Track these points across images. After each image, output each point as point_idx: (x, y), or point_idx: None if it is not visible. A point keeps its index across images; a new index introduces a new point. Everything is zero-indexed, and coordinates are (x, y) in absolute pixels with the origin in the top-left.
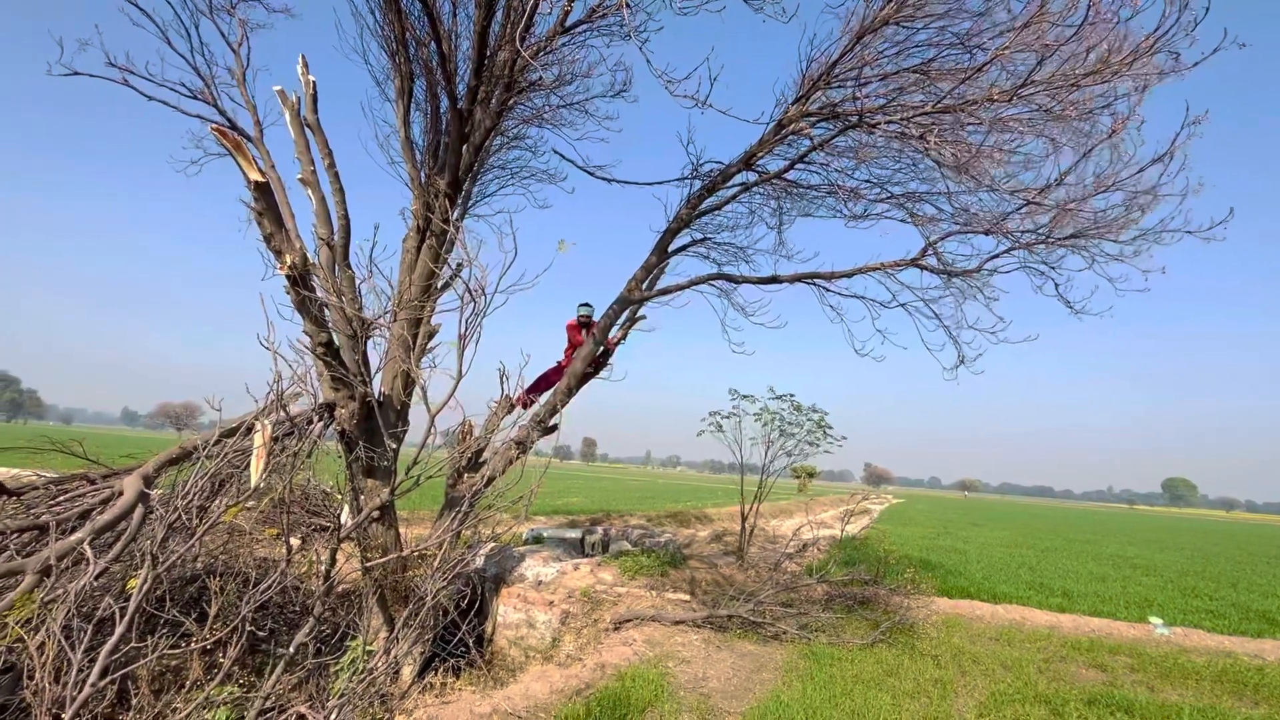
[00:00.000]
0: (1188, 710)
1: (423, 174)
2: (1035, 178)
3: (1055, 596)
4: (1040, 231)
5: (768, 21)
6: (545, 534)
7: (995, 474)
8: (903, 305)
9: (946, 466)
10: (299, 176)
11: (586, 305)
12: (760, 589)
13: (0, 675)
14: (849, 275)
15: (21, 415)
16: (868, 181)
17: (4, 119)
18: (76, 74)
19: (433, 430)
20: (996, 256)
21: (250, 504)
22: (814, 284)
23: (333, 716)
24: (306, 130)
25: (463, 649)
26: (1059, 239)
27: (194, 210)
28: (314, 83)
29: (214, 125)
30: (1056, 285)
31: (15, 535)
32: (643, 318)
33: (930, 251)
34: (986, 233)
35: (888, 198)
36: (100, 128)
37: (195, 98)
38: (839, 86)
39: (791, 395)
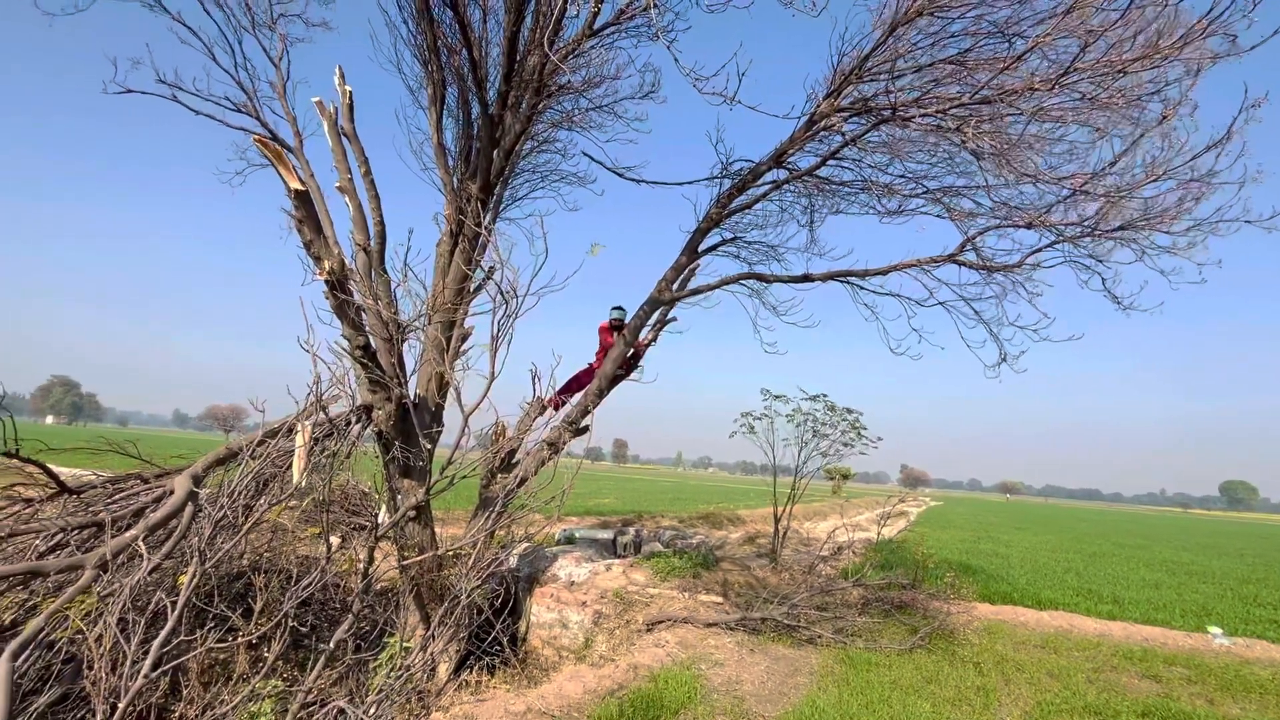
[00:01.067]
0: None
1: (455, 179)
2: (1080, 167)
3: (1105, 603)
4: (1086, 224)
5: (797, 16)
6: (577, 534)
7: (1039, 476)
8: (940, 303)
9: (987, 468)
10: (337, 185)
11: (619, 309)
12: (794, 592)
13: (63, 665)
14: (883, 273)
15: (82, 418)
16: (902, 176)
17: (59, 130)
18: (130, 91)
19: (467, 430)
20: (1039, 250)
21: (292, 503)
22: (847, 282)
23: (372, 711)
24: (344, 139)
25: (497, 648)
26: (1106, 231)
27: (239, 220)
28: (350, 93)
29: (256, 136)
30: (1103, 280)
31: (76, 531)
32: (673, 319)
33: (969, 247)
34: (1028, 226)
35: (923, 192)
36: (148, 138)
37: (239, 111)
38: (871, 80)
39: (824, 395)
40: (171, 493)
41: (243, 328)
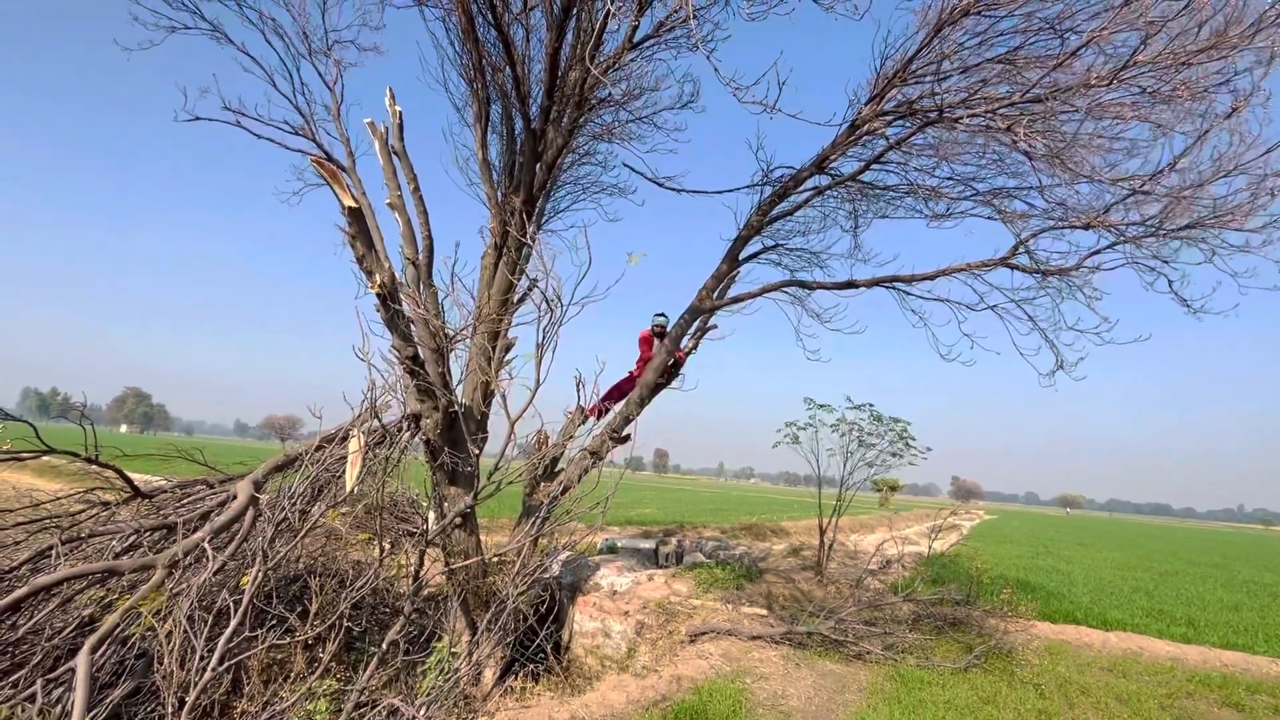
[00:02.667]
0: None
1: (499, 193)
2: (1142, 165)
3: (1178, 625)
4: (1149, 223)
5: (839, 21)
6: (619, 544)
7: (1102, 489)
8: (991, 308)
9: (1045, 481)
10: (387, 201)
11: (662, 315)
12: (841, 606)
13: (135, 660)
14: (931, 278)
15: (152, 427)
16: (950, 179)
17: (129, 154)
18: (199, 119)
19: (512, 437)
20: (1098, 252)
21: (345, 508)
22: (893, 288)
23: (422, 713)
24: (394, 157)
25: (541, 655)
26: (1172, 230)
27: (293, 237)
28: (400, 113)
29: (313, 157)
30: (1170, 282)
31: (148, 533)
32: (714, 327)
33: (1021, 249)
34: (1086, 227)
35: (972, 195)
36: (216, 157)
37: (296, 134)
38: (916, 82)
39: (870, 404)
40: (235, 497)
41: (303, 340)
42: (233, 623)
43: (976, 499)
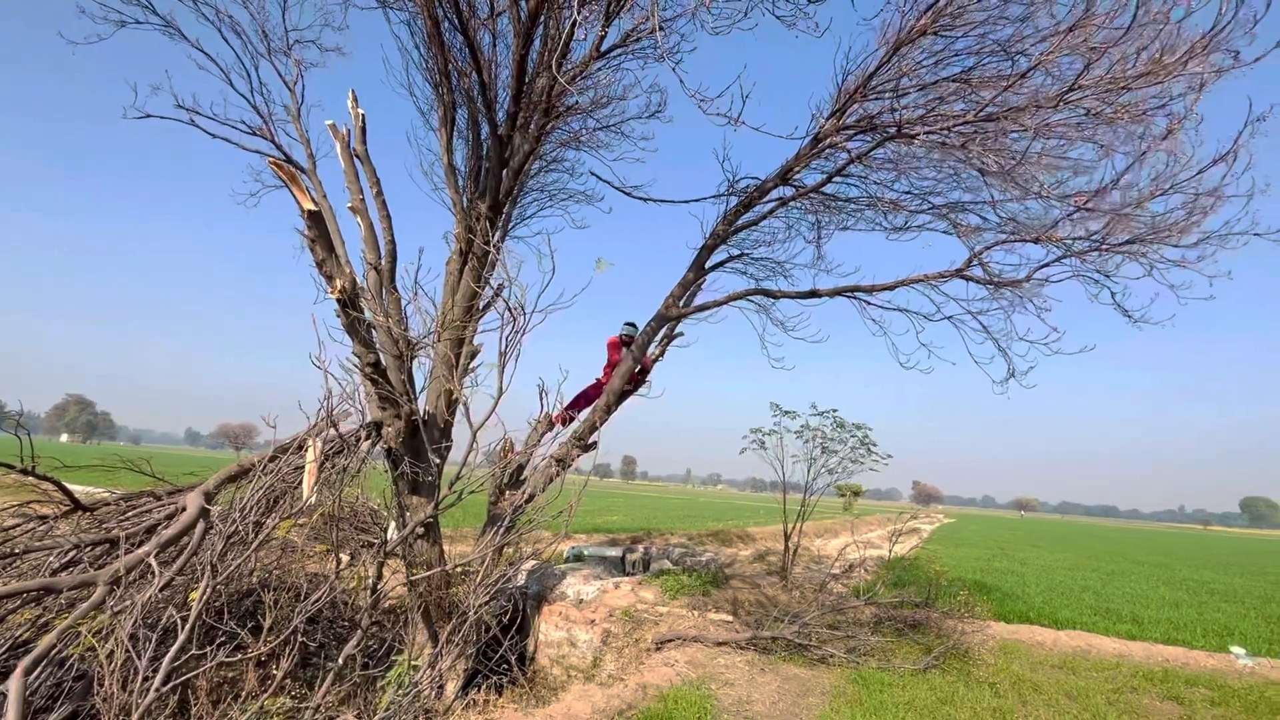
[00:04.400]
0: None
1: (464, 198)
2: (1086, 183)
3: (1124, 623)
4: (1094, 238)
5: (801, 37)
6: (586, 552)
7: (1054, 492)
8: (948, 318)
9: (1001, 485)
10: (349, 205)
11: (631, 325)
12: (805, 610)
13: (74, 682)
14: (891, 288)
15: (96, 436)
16: (908, 193)
17: (70, 146)
18: (149, 116)
19: (475, 446)
20: (1047, 265)
21: (302, 520)
22: (855, 298)
23: None
24: (356, 161)
25: (505, 666)
26: (1114, 245)
27: (250, 239)
28: (363, 115)
29: (271, 159)
30: (1113, 294)
31: (89, 548)
32: (681, 334)
33: (976, 262)
34: (1035, 241)
35: (929, 209)
36: (167, 159)
37: (254, 134)
38: (876, 98)
39: (834, 411)
40: (184, 509)
41: (255, 347)
42: (179, 640)
43: (936, 503)
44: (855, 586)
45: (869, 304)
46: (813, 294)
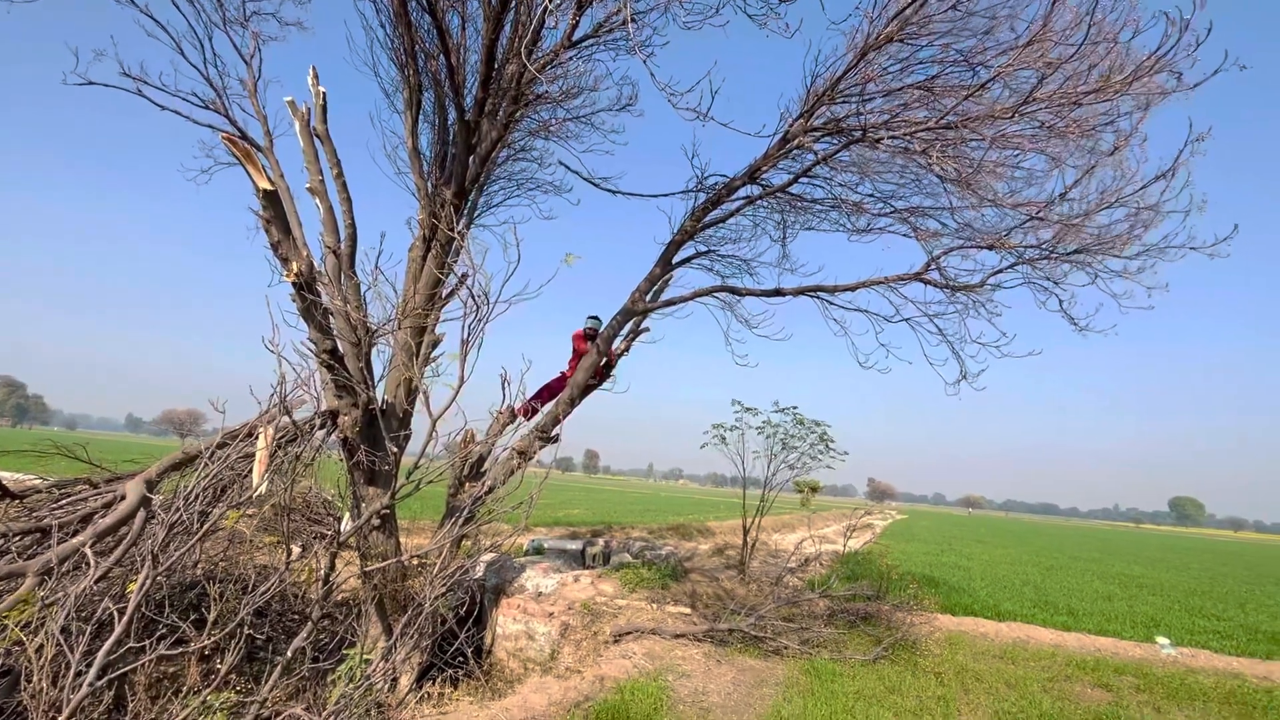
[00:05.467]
0: None
1: (429, 184)
2: (1038, 193)
3: (1060, 615)
4: (1044, 247)
5: (771, 37)
6: (546, 545)
7: (1000, 491)
8: (906, 319)
9: (951, 483)
10: (307, 186)
11: (595, 318)
12: (762, 603)
13: None
14: (852, 289)
15: (27, 420)
16: (871, 196)
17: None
18: (91, 84)
19: (434, 435)
20: (1000, 271)
21: (250, 510)
22: (817, 297)
23: None
24: (316, 140)
25: (461, 659)
26: (1062, 254)
27: (201, 217)
28: (324, 94)
29: (225, 134)
30: (1060, 301)
31: (17, 538)
32: (647, 329)
33: (933, 266)
34: (989, 247)
35: (891, 212)
36: (108, 130)
37: (207, 108)
38: (843, 102)
39: (794, 408)
40: (123, 498)
41: (204, 330)
42: (116, 631)
43: (891, 500)
44: (810, 580)
45: (831, 304)
46: (777, 292)
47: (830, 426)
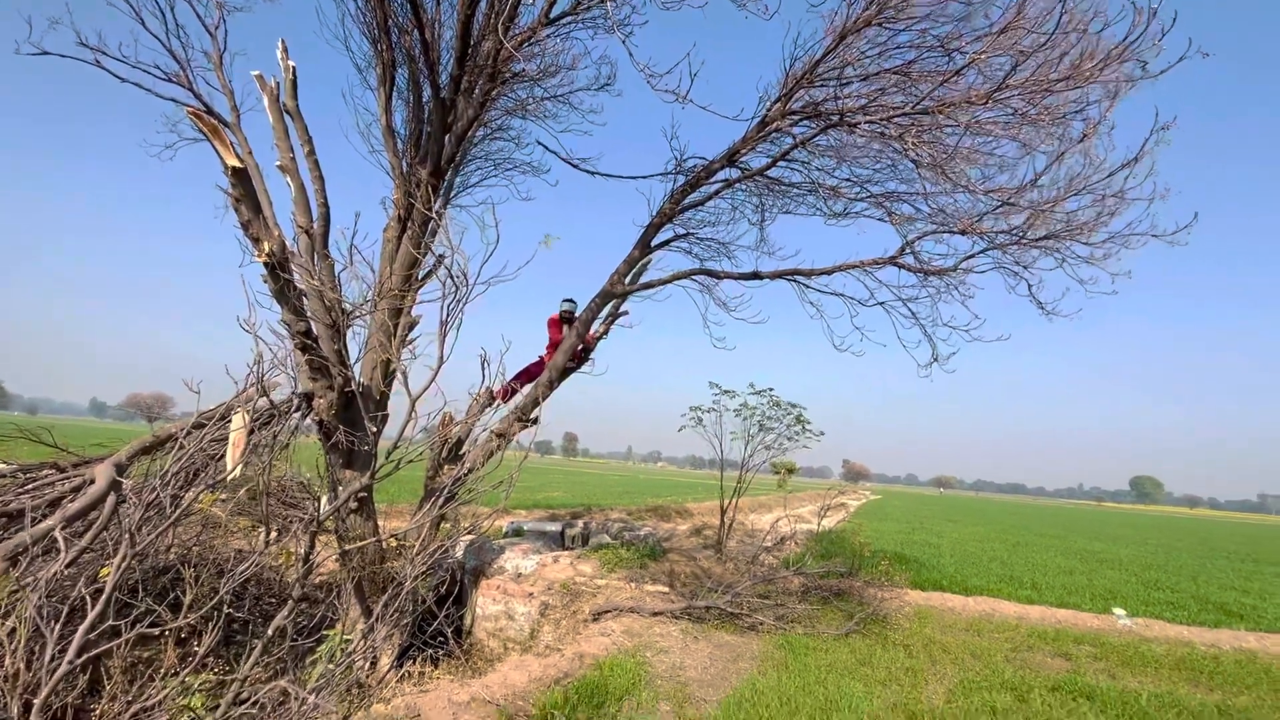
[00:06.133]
0: (1146, 696)
1: (404, 163)
2: (1010, 179)
3: (1024, 589)
4: (1014, 232)
5: (750, 19)
6: (525, 527)
7: (970, 472)
8: (881, 303)
9: (923, 464)
10: (278, 163)
11: (570, 301)
12: (738, 581)
13: None
14: (829, 272)
15: None
16: (848, 180)
17: None
18: (46, 54)
19: (414, 416)
20: (972, 256)
21: (225, 495)
22: (794, 281)
23: (313, 698)
24: (286, 116)
25: (441, 639)
26: (1032, 240)
27: (166, 195)
28: (294, 68)
29: (190, 109)
30: (1030, 286)
31: None
32: (625, 312)
33: (908, 250)
34: (962, 232)
35: (867, 197)
36: (74, 107)
37: (170, 81)
38: (821, 85)
39: (771, 390)
40: (92, 482)
41: (171, 311)
42: (93, 611)
43: (865, 480)
44: (786, 558)
45: (808, 287)
46: (755, 275)
47: (806, 409)
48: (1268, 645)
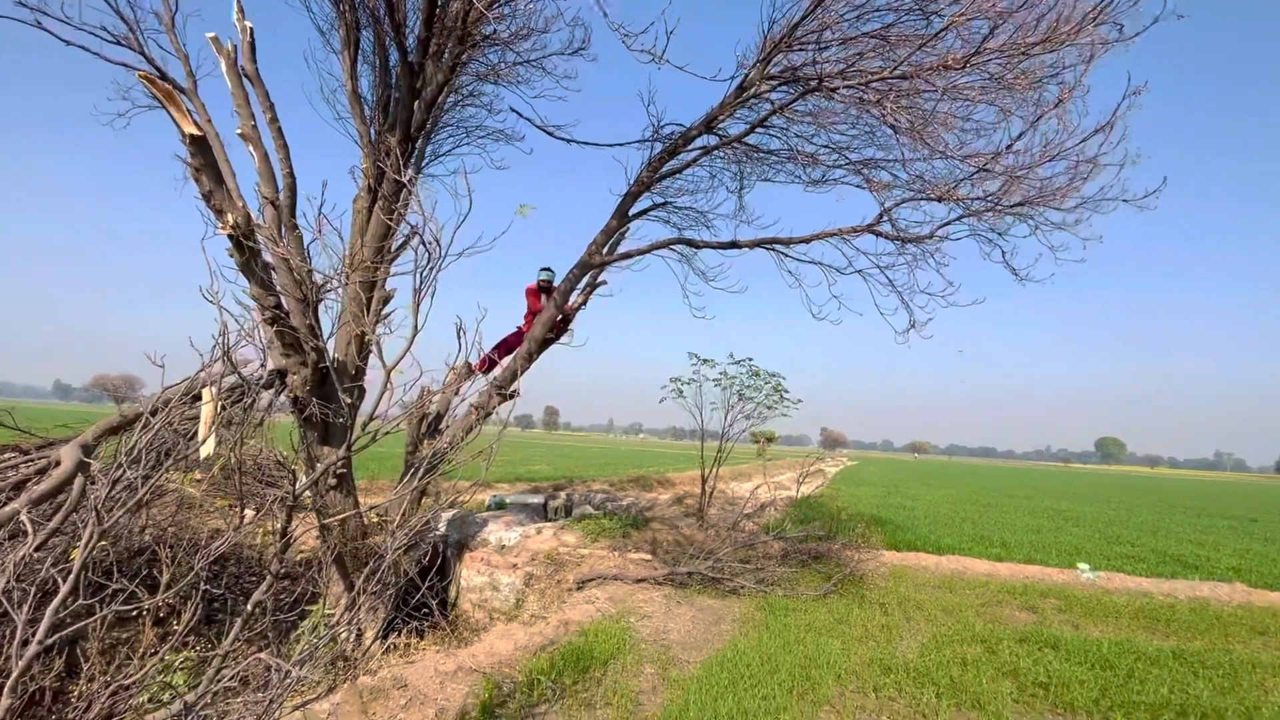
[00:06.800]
0: (1106, 644)
1: (372, 130)
2: (986, 145)
3: (994, 547)
4: (990, 199)
5: None
6: (508, 500)
7: (944, 436)
8: (859, 271)
9: (898, 429)
10: (239, 131)
11: (547, 270)
12: (719, 547)
13: None
14: (807, 241)
15: None
16: (826, 147)
17: None
18: None
19: (390, 387)
20: (948, 224)
21: (199, 475)
22: (773, 249)
23: (297, 670)
24: (245, 81)
25: (426, 612)
26: (1007, 206)
27: (127, 166)
28: (251, 29)
29: (142, 73)
30: (1004, 252)
31: None
32: (603, 283)
33: (885, 218)
34: (939, 199)
35: (845, 164)
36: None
37: (119, 44)
38: (800, 50)
39: (750, 359)
40: (58, 464)
41: (135, 291)
42: (64, 589)
43: (842, 447)
44: (765, 524)
45: (786, 255)
46: (733, 245)
47: (785, 378)
48: (1219, 594)
